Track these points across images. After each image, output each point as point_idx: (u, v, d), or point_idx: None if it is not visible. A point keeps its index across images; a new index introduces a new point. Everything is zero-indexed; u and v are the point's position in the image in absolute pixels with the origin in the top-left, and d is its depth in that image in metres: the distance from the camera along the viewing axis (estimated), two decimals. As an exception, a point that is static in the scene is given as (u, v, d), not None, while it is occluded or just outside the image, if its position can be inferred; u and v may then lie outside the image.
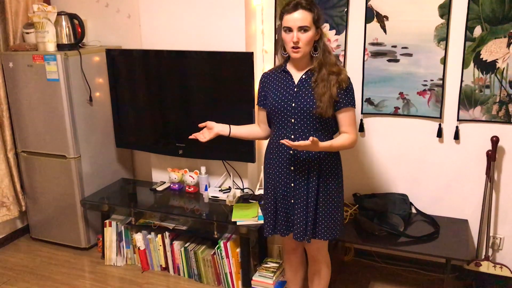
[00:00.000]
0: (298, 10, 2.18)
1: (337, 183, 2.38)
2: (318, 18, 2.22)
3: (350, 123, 2.30)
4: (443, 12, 2.76)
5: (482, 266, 2.86)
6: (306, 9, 2.19)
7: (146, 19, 3.32)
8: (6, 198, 3.54)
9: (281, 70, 2.38)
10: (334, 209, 2.38)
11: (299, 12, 2.18)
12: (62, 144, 3.37)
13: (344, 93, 2.25)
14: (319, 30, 2.25)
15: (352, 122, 2.31)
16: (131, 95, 3.47)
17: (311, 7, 2.20)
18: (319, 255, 2.52)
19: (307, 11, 2.19)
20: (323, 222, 2.36)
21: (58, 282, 3.22)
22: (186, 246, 3.17)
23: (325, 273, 2.58)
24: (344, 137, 2.30)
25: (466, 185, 2.97)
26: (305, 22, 2.18)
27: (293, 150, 2.31)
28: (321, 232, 2.37)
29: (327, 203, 2.35)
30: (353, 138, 2.31)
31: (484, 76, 2.76)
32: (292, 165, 2.33)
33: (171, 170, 3.46)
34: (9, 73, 3.40)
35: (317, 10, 2.22)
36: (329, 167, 2.34)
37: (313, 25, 2.20)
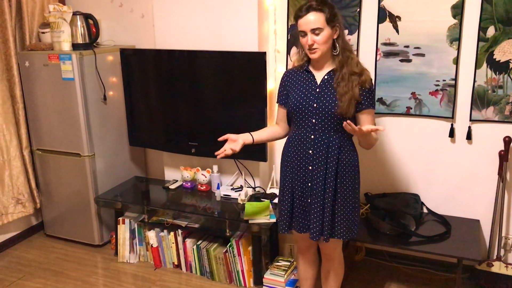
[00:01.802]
0: (310, 13, 2.19)
1: (354, 184, 2.38)
2: (332, 16, 2.20)
3: (372, 124, 2.29)
4: (456, 13, 2.76)
5: (494, 266, 2.86)
6: (317, 10, 2.19)
7: (160, 19, 3.35)
8: (21, 195, 3.59)
9: (303, 70, 2.38)
10: (352, 209, 2.38)
11: (311, 14, 2.19)
12: (77, 142, 3.42)
13: (367, 94, 2.27)
14: (336, 28, 2.23)
15: (373, 123, 2.33)
16: (144, 94, 3.50)
17: (322, 7, 2.19)
18: (334, 253, 2.53)
19: (319, 12, 2.19)
20: (341, 221, 2.36)
21: (72, 278, 3.26)
22: (198, 244, 3.20)
23: (338, 272, 2.60)
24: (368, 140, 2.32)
25: (478, 185, 2.96)
26: (317, 24, 2.18)
27: (312, 150, 2.32)
28: (339, 232, 2.37)
29: (344, 203, 2.35)
30: (377, 138, 2.36)
31: (497, 76, 2.75)
32: (310, 165, 2.34)
33: (183, 168, 3.49)
34: (25, 72, 3.45)
35: (329, 9, 2.20)
36: (347, 168, 2.34)
37: (326, 25, 2.20)
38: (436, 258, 3.13)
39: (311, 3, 2.21)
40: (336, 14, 2.23)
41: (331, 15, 2.20)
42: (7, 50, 3.41)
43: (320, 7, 2.19)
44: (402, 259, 3.25)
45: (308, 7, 2.20)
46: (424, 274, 3.17)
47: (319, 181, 2.33)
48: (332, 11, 2.21)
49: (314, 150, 2.32)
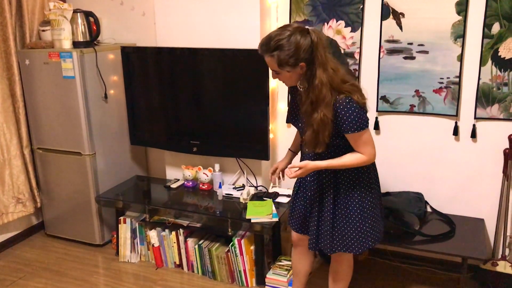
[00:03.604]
0: (264, 55, 2.07)
1: (359, 196, 2.27)
2: (286, 59, 2.00)
3: (358, 145, 2.14)
4: (460, 9, 2.73)
5: (499, 265, 2.83)
6: (266, 54, 2.05)
7: (161, 16, 3.33)
8: (21, 194, 3.57)
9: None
10: (358, 223, 2.28)
11: (264, 56, 2.07)
12: (77, 141, 3.40)
13: (341, 120, 2.07)
14: (299, 67, 2.03)
15: (360, 143, 2.14)
16: (145, 93, 3.48)
17: (270, 52, 2.02)
18: (342, 255, 2.48)
19: (269, 56, 2.04)
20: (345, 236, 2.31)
21: (72, 278, 3.24)
22: (200, 243, 3.17)
23: (346, 273, 2.55)
24: (350, 156, 2.17)
25: (483, 184, 2.94)
26: (272, 67, 2.08)
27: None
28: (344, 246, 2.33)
29: (346, 218, 2.29)
30: (362, 158, 2.16)
31: (502, 73, 2.73)
32: (308, 176, 2.33)
33: (185, 167, 3.47)
34: (25, 71, 3.43)
35: (279, 53, 1.99)
36: (346, 182, 2.27)
37: (282, 67, 2.03)
38: (440, 258, 3.11)
39: (259, 45, 2.06)
40: (290, 57, 2.00)
41: (284, 59, 2.01)
42: (7, 48, 3.39)
43: (269, 51, 2.03)
44: (405, 259, 3.22)
45: (259, 48, 2.07)
46: (428, 273, 3.14)
47: (317, 196, 2.33)
48: (283, 55, 2.00)
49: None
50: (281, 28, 2.06)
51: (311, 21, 3.07)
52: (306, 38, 2.01)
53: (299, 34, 2.00)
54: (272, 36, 2.02)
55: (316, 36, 2.02)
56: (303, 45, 1.99)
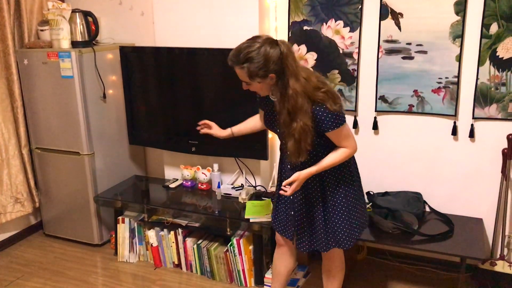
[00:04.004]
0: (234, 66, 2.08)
1: (344, 190, 2.31)
2: (256, 71, 2.02)
3: (340, 141, 2.19)
4: (459, 9, 2.73)
5: (497, 265, 2.84)
6: (236, 66, 2.06)
7: (160, 16, 3.33)
8: (20, 194, 3.56)
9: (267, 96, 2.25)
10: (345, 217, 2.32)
11: (234, 68, 2.09)
12: (76, 141, 3.39)
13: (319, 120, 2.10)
14: (269, 78, 2.05)
15: (341, 139, 2.18)
16: (144, 92, 3.48)
17: (241, 64, 2.03)
18: (333, 252, 2.49)
19: (239, 68, 2.06)
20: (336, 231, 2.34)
21: (71, 278, 3.23)
22: (198, 243, 3.17)
23: (339, 270, 2.57)
24: (335, 154, 2.20)
25: (481, 184, 2.94)
26: (242, 78, 2.10)
27: (290, 165, 2.31)
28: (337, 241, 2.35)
29: (336, 214, 2.32)
30: (346, 152, 2.20)
31: (500, 73, 2.73)
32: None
33: (183, 167, 3.47)
34: (24, 70, 3.43)
35: (249, 65, 2.01)
36: (331, 179, 2.30)
37: (252, 79, 2.06)
38: (439, 257, 3.11)
39: (229, 58, 2.07)
40: (260, 69, 2.02)
41: (254, 71, 2.03)
42: (5, 48, 3.38)
43: (238, 64, 2.05)
44: (404, 258, 3.23)
45: (229, 61, 2.08)
46: (426, 273, 3.14)
47: (303, 198, 2.33)
48: (253, 67, 2.01)
49: (291, 166, 2.32)
50: (250, 40, 2.07)
51: (310, 21, 3.07)
52: (275, 49, 2.02)
53: (268, 46, 2.02)
54: (242, 48, 2.04)
55: (285, 47, 2.04)
56: (272, 56, 2.01)
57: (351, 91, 3.08)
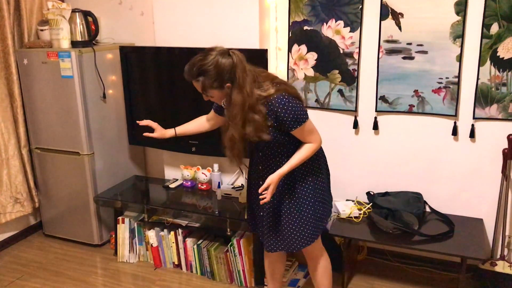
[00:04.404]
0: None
1: (312, 183, 2.36)
2: (210, 83, 2.09)
3: (305, 136, 2.24)
4: (459, 9, 2.73)
5: (498, 265, 2.84)
6: (191, 80, 2.14)
7: (160, 16, 3.33)
8: (19, 194, 3.56)
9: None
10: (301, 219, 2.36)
11: (191, 82, 2.16)
12: (76, 141, 3.39)
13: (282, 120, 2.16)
14: (225, 88, 2.11)
15: (306, 135, 2.24)
16: (144, 92, 3.47)
17: (196, 78, 2.11)
18: (314, 250, 2.51)
19: (195, 82, 2.14)
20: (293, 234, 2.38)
21: (71, 278, 3.23)
22: (199, 243, 3.17)
23: (326, 267, 2.57)
24: (302, 150, 2.25)
25: (481, 184, 2.94)
26: (200, 91, 2.16)
27: (261, 166, 2.38)
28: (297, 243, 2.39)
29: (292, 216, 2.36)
30: (313, 147, 2.26)
31: (501, 73, 2.73)
32: (261, 179, 2.37)
33: (183, 167, 3.47)
34: (24, 70, 3.42)
35: (203, 78, 2.09)
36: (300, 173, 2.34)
37: (208, 90, 2.13)
38: (439, 258, 3.11)
39: (184, 73, 2.14)
40: (213, 81, 2.09)
41: (209, 83, 2.10)
42: (5, 47, 3.38)
43: (193, 78, 2.13)
44: (404, 259, 3.22)
45: (185, 76, 2.16)
46: (426, 273, 3.14)
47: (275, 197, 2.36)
48: (206, 79, 2.09)
49: (263, 166, 2.37)
50: (203, 53, 2.12)
51: (310, 21, 3.07)
52: (228, 59, 2.09)
53: (221, 56, 2.08)
54: (195, 62, 2.10)
55: (237, 57, 2.10)
56: (225, 67, 2.08)
57: (352, 91, 3.08)
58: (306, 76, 3.17)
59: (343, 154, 3.22)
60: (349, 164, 3.23)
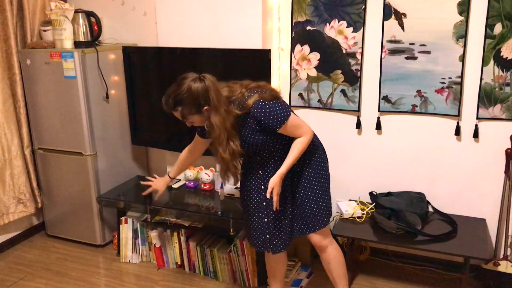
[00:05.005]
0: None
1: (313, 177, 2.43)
2: (188, 111, 2.17)
3: (292, 132, 2.29)
4: (462, 9, 2.73)
5: (501, 265, 2.84)
6: (169, 111, 2.22)
7: (162, 16, 3.33)
8: (22, 194, 3.56)
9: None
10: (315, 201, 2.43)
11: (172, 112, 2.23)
12: (79, 141, 3.39)
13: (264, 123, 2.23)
14: (204, 111, 2.18)
15: (292, 131, 2.29)
16: (147, 93, 3.48)
17: (174, 108, 2.20)
18: (324, 242, 2.53)
19: (174, 112, 2.22)
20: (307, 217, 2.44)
21: (73, 278, 3.23)
22: (202, 244, 3.17)
23: (339, 259, 2.59)
24: (295, 146, 2.30)
25: (484, 184, 2.94)
26: (182, 119, 2.24)
27: (261, 170, 2.42)
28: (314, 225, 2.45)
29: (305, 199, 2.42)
30: (305, 140, 2.30)
31: (505, 73, 2.73)
32: (262, 184, 2.42)
33: (186, 167, 3.47)
34: (27, 70, 3.42)
35: (181, 108, 2.17)
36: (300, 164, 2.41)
37: (187, 117, 2.20)
38: (442, 258, 3.11)
39: (163, 105, 2.22)
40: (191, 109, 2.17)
41: (187, 111, 2.18)
42: (8, 48, 3.38)
43: (171, 109, 2.21)
44: (407, 259, 3.22)
45: (164, 108, 2.23)
46: (429, 273, 3.14)
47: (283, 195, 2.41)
48: (185, 109, 2.17)
49: (263, 170, 2.42)
50: (176, 83, 2.19)
51: (313, 21, 3.07)
52: (200, 83, 2.15)
53: (193, 82, 2.16)
54: (170, 94, 2.19)
55: (209, 80, 2.17)
56: (199, 92, 2.14)
57: (354, 91, 3.08)
58: (308, 76, 3.17)
59: (346, 154, 3.22)
60: (352, 164, 3.23)
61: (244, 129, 2.29)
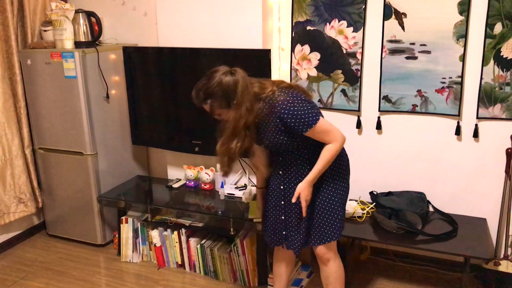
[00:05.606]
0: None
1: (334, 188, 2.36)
2: (217, 105, 2.12)
3: (321, 137, 2.21)
4: (463, 9, 2.73)
5: (501, 265, 2.83)
6: (200, 104, 2.16)
7: (163, 16, 3.33)
8: (23, 194, 3.57)
9: None
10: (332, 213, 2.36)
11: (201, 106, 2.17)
12: (79, 141, 3.39)
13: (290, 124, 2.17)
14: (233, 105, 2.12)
15: (321, 136, 2.21)
16: (147, 92, 3.48)
17: (204, 101, 2.14)
18: (328, 255, 2.44)
19: (204, 105, 2.16)
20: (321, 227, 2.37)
21: (74, 278, 3.24)
22: (202, 243, 3.17)
23: (338, 275, 2.49)
24: (325, 152, 2.21)
25: (485, 184, 2.94)
26: (211, 112, 2.18)
27: (282, 171, 2.37)
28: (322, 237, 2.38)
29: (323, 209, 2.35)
30: (334, 147, 2.21)
31: (505, 73, 2.73)
32: (282, 184, 2.38)
33: (187, 167, 3.47)
34: (27, 70, 3.43)
35: (211, 101, 2.12)
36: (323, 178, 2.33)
37: (217, 111, 2.15)
38: (443, 257, 3.11)
39: (193, 99, 2.16)
40: (224, 98, 2.11)
41: (217, 104, 2.13)
42: (9, 48, 3.39)
43: (201, 102, 2.15)
44: (408, 258, 3.22)
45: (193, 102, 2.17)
46: (430, 273, 3.14)
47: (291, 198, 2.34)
48: (216, 100, 2.12)
49: (284, 171, 2.36)
50: (207, 76, 2.14)
51: (313, 21, 3.07)
52: (231, 77, 2.11)
53: (224, 76, 2.11)
54: (200, 87, 2.13)
55: (239, 74, 2.13)
56: (230, 86, 2.10)
57: (355, 91, 3.08)
58: (309, 76, 3.18)
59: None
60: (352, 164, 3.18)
61: (269, 127, 2.22)
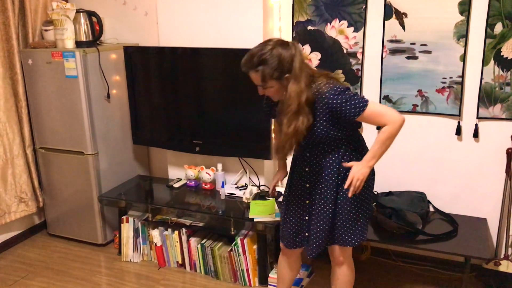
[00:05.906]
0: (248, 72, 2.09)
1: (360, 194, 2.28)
2: (270, 73, 2.03)
3: (376, 121, 2.14)
4: (463, 9, 2.74)
5: (502, 265, 2.84)
6: (251, 70, 2.06)
7: (164, 16, 3.34)
8: (24, 193, 3.57)
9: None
10: (355, 216, 2.30)
11: (249, 73, 2.09)
12: (80, 141, 3.40)
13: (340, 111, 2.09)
14: (284, 79, 2.04)
15: (376, 119, 2.12)
16: (148, 92, 3.48)
17: (256, 67, 2.04)
18: (343, 257, 2.44)
19: (254, 72, 2.06)
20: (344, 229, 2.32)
21: (75, 277, 3.24)
22: (203, 243, 3.17)
23: (348, 278, 2.51)
24: (380, 134, 2.13)
25: (485, 184, 2.94)
26: (257, 81, 2.09)
27: (308, 168, 2.29)
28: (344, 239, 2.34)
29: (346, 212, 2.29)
30: (392, 127, 2.11)
31: (505, 73, 2.73)
32: (307, 183, 2.32)
33: (187, 167, 3.47)
34: (28, 70, 3.43)
35: (264, 68, 2.02)
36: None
37: (268, 81, 2.05)
38: (443, 257, 3.11)
39: (242, 64, 2.07)
40: (274, 70, 2.02)
41: (269, 73, 2.03)
42: (10, 48, 3.39)
43: (252, 68, 2.05)
44: (408, 258, 3.23)
45: (242, 67, 2.08)
46: (430, 273, 3.14)
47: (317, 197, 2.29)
48: (266, 69, 2.02)
49: (311, 167, 2.29)
50: (262, 43, 2.07)
51: (314, 21, 3.08)
52: (288, 50, 2.04)
53: (281, 47, 2.03)
54: (254, 52, 2.05)
55: (296, 49, 2.05)
56: (285, 57, 2.02)
57: (355, 91, 3.08)
58: (309, 76, 3.18)
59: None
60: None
61: (314, 116, 2.13)
